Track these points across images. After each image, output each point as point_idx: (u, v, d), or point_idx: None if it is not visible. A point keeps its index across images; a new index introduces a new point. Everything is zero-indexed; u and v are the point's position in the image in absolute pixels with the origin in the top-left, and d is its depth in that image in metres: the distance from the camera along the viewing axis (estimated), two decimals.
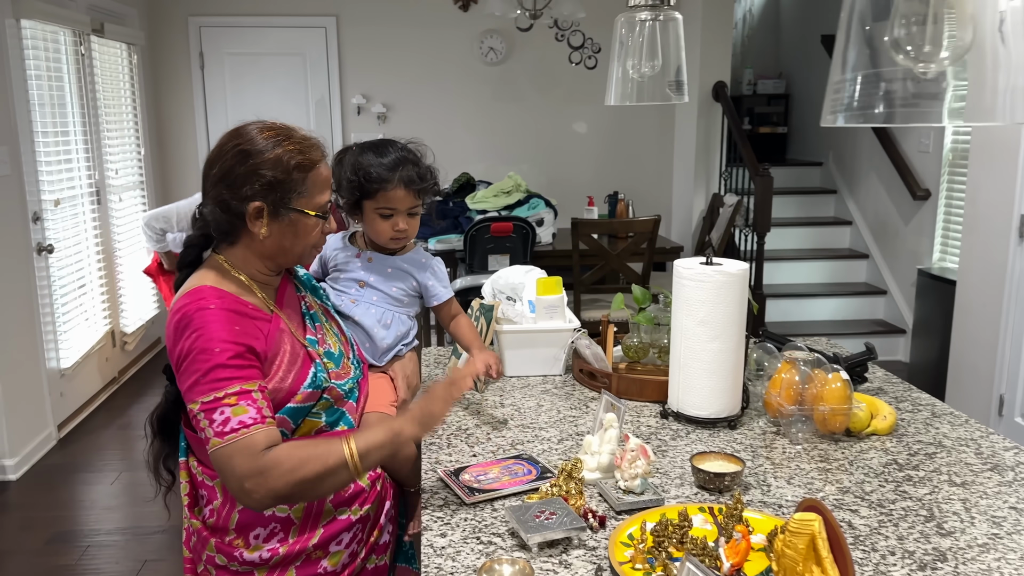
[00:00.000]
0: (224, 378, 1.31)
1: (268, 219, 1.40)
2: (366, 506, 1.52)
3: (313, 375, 1.45)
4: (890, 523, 1.38)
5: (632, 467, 1.42)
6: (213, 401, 1.31)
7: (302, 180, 1.40)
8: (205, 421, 1.31)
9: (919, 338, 4.95)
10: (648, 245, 4.38)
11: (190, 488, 1.52)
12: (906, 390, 2.04)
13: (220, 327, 1.34)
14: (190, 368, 1.32)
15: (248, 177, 1.38)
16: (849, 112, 0.76)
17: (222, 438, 1.29)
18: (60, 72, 4.27)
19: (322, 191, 1.45)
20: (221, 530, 1.45)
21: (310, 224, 1.44)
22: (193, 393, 1.32)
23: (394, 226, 1.74)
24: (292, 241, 1.44)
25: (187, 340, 1.33)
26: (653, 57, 1.65)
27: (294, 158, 1.39)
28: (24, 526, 3.29)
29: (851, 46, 0.73)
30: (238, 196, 1.39)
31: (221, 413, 1.30)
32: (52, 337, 4.08)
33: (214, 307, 1.35)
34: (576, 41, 5.93)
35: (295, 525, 1.45)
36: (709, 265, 1.72)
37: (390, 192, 1.71)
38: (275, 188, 1.39)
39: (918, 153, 5.25)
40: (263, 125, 1.43)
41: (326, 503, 1.46)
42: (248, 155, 1.39)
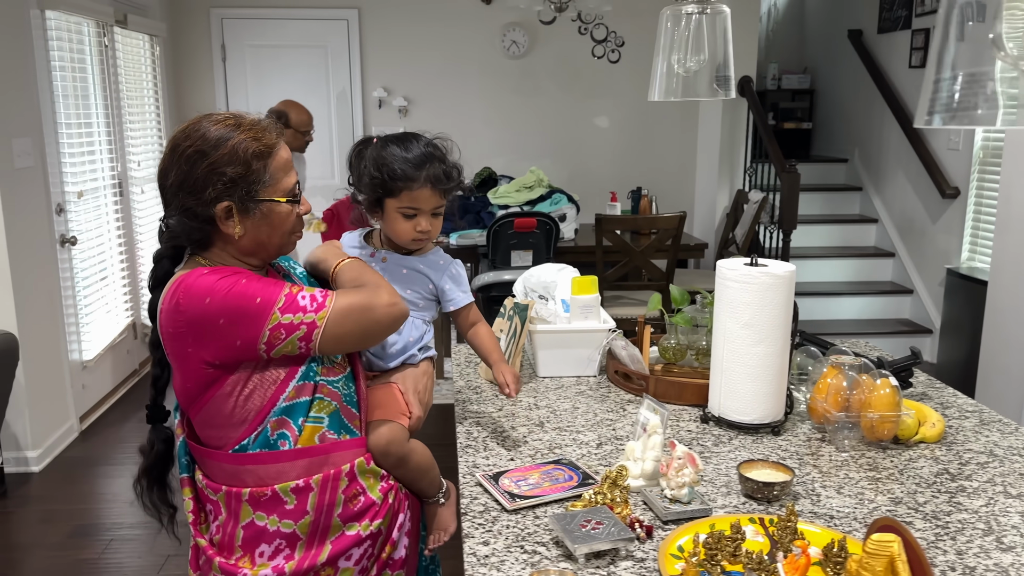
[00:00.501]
0: (273, 284, 1.32)
1: (239, 217, 1.33)
2: (376, 520, 1.44)
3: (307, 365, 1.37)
4: (947, 536, 1.33)
5: (679, 475, 1.37)
6: (287, 297, 1.31)
7: (264, 168, 1.33)
8: (297, 315, 1.30)
9: (947, 338, 4.87)
10: (673, 242, 4.32)
11: (194, 505, 1.45)
12: (952, 395, 1.98)
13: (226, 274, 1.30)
14: (240, 311, 1.27)
15: (208, 178, 1.30)
16: (948, 113, 0.71)
17: (324, 306, 1.32)
18: (84, 63, 4.25)
19: (287, 173, 1.38)
20: (226, 548, 1.39)
21: (283, 212, 1.37)
22: (262, 314, 1.28)
23: (416, 226, 1.61)
24: (269, 233, 1.37)
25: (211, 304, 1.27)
26: (699, 51, 1.60)
27: (250, 147, 1.31)
28: (46, 519, 3.28)
29: (950, 43, 0.68)
30: (202, 200, 1.31)
31: (303, 297, 1.32)
32: (75, 329, 4.07)
33: (207, 272, 1.30)
34: (599, 34, 5.87)
35: (301, 540, 1.38)
36: (754, 266, 1.67)
37: (415, 191, 1.58)
38: (239, 183, 1.31)
39: (947, 151, 5.16)
40: (210, 119, 1.34)
41: (334, 518, 1.39)
42: (203, 155, 1.30)
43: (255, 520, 1.37)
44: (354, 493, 1.42)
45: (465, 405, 1.90)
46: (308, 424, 1.38)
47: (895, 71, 5.75)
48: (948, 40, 0.68)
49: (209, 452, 1.38)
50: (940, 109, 0.72)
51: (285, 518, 1.37)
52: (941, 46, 0.70)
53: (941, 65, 0.69)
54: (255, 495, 1.36)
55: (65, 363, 3.96)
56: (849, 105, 6.53)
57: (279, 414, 1.35)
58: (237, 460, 1.36)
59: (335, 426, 1.41)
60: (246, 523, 1.38)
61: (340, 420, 1.42)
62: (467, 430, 1.75)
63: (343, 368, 1.46)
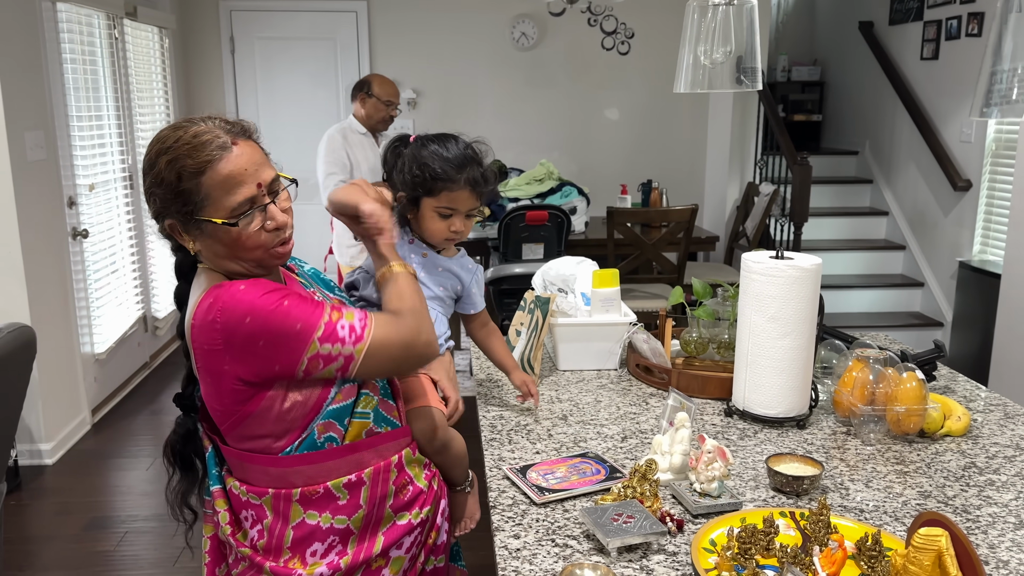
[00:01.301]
0: (312, 310, 1.25)
1: (186, 234, 1.28)
2: (426, 508, 1.45)
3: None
4: (978, 531, 1.32)
5: (709, 469, 1.37)
6: (326, 326, 1.25)
7: (195, 188, 1.22)
8: (336, 346, 1.26)
9: (959, 331, 4.86)
10: (684, 235, 4.31)
11: (231, 517, 1.40)
12: (975, 388, 1.97)
13: (264, 292, 1.24)
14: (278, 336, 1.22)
15: (149, 196, 1.28)
16: (1007, 105, 0.70)
17: (363, 339, 1.28)
18: (94, 56, 4.24)
19: (229, 191, 1.23)
20: (275, 550, 1.36)
21: (231, 232, 1.24)
22: (302, 342, 1.23)
23: (451, 226, 1.64)
24: (226, 251, 1.27)
25: (248, 329, 1.21)
26: (726, 43, 1.59)
27: (176, 168, 1.22)
28: (61, 511, 3.29)
29: (1007, 35, 0.67)
30: (152, 214, 1.29)
31: (343, 328, 1.27)
32: (87, 322, 4.08)
33: (244, 287, 1.24)
34: (609, 26, 5.84)
35: (354, 535, 1.37)
36: (780, 259, 1.67)
37: (455, 192, 1.61)
38: (171, 204, 1.24)
39: (959, 143, 5.13)
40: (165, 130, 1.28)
41: (386, 509, 1.39)
42: (144, 174, 1.27)
43: (306, 519, 1.35)
44: (403, 483, 1.42)
45: (487, 398, 1.90)
46: (355, 421, 1.37)
47: (907, 63, 5.71)
48: (1006, 32, 0.67)
49: (251, 457, 1.34)
50: (999, 101, 0.71)
51: (339, 514, 1.35)
52: (998, 38, 0.69)
53: (999, 57, 0.68)
54: (306, 494, 1.34)
55: (77, 356, 3.97)
56: (860, 97, 6.50)
57: (325, 418, 1.33)
58: (285, 463, 1.33)
59: (378, 419, 1.41)
60: (296, 523, 1.35)
61: (380, 413, 1.41)
62: (490, 423, 1.75)
63: None
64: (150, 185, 1.27)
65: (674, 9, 5.87)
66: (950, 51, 5.22)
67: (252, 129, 1.31)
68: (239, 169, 1.24)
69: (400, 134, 1.72)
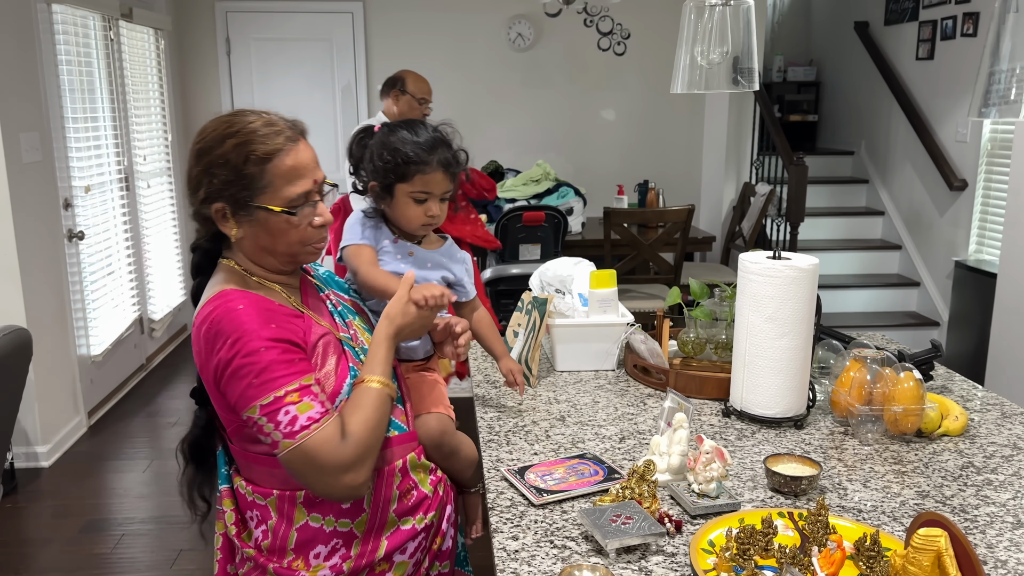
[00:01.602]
0: (280, 375, 1.24)
1: (234, 219, 1.30)
2: (430, 513, 1.44)
3: (351, 376, 1.37)
4: (976, 530, 1.33)
5: (707, 470, 1.37)
6: (274, 401, 1.23)
7: (260, 174, 1.27)
8: (269, 425, 1.23)
9: (955, 331, 4.87)
10: (681, 235, 4.32)
11: (236, 516, 1.41)
12: (972, 388, 1.98)
13: (257, 326, 1.25)
14: (238, 375, 1.23)
15: (203, 178, 1.29)
16: (1005, 105, 0.70)
17: (293, 438, 1.23)
18: (90, 57, 4.23)
19: (291, 181, 1.29)
20: (279, 551, 1.36)
21: (281, 221, 1.29)
22: (247, 399, 1.24)
23: (427, 211, 1.60)
24: (270, 241, 1.32)
25: (225, 349, 1.24)
26: (722, 44, 1.59)
27: (245, 150, 1.26)
28: (58, 514, 3.28)
29: (1006, 34, 0.67)
30: (197, 199, 1.30)
31: (286, 413, 1.23)
32: (83, 324, 4.07)
33: (243, 307, 1.26)
34: (605, 27, 5.85)
35: (357, 538, 1.36)
36: (777, 260, 1.67)
37: (428, 175, 1.57)
38: (230, 186, 1.27)
39: (955, 143, 5.14)
40: (225, 116, 1.31)
41: (389, 514, 1.38)
42: (202, 154, 1.29)
43: (310, 522, 1.35)
44: (407, 488, 1.42)
45: (485, 399, 1.90)
46: None
47: (902, 63, 5.73)
48: (1004, 32, 0.67)
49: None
50: (997, 101, 0.71)
51: (342, 517, 1.35)
52: (997, 38, 0.69)
53: (997, 57, 0.68)
54: (310, 496, 1.33)
55: (73, 358, 3.96)
56: (855, 97, 6.51)
57: None
58: None
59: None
60: (300, 525, 1.35)
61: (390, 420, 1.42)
62: (488, 424, 1.75)
63: None
64: (208, 166, 1.28)
65: (670, 9, 5.87)
66: (945, 51, 5.23)
67: (307, 130, 1.37)
68: (302, 163, 1.30)
69: (364, 125, 1.70)
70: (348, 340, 1.42)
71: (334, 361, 1.36)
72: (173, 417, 4.28)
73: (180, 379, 4.87)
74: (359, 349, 1.43)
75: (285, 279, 1.40)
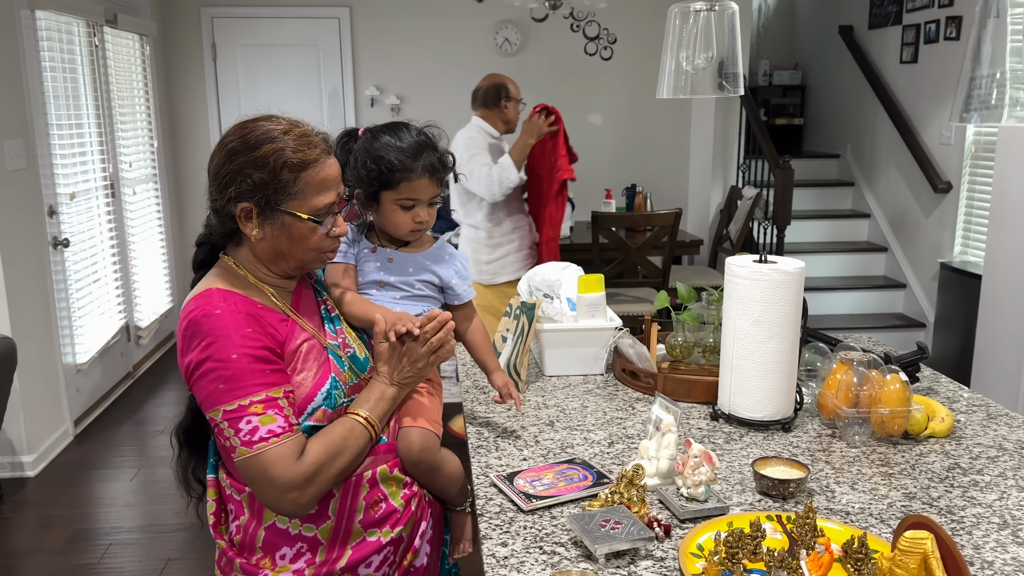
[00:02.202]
0: (249, 384, 1.26)
1: (258, 220, 1.33)
2: (398, 527, 1.44)
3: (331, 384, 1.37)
4: (963, 531, 1.33)
5: (696, 474, 1.37)
6: (238, 409, 1.25)
7: (293, 180, 1.31)
8: (230, 430, 1.26)
9: (941, 332, 4.90)
10: (669, 239, 4.33)
11: (217, 506, 1.44)
12: (958, 389, 1.99)
13: (233, 331, 1.27)
14: (207, 378, 1.26)
15: (234, 177, 1.31)
16: (987, 110, 0.71)
17: (251, 447, 1.25)
18: (74, 64, 4.21)
19: (319, 192, 1.34)
20: (247, 549, 1.39)
21: (304, 228, 1.34)
22: (212, 401, 1.26)
23: (415, 217, 1.57)
24: (288, 245, 1.35)
25: (199, 350, 1.26)
26: (707, 49, 1.60)
27: (282, 156, 1.30)
28: (44, 524, 3.25)
29: (986, 38, 0.68)
30: (224, 196, 1.32)
31: (248, 422, 1.26)
32: (68, 332, 4.04)
33: (221, 311, 1.28)
34: (592, 32, 5.87)
35: (322, 545, 1.38)
36: (764, 263, 1.67)
37: (414, 182, 1.54)
38: (261, 188, 1.30)
39: (939, 145, 5.18)
40: (268, 120, 1.34)
41: (355, 524, 1.39)
42: (236, 153, 1.31)
43: (277, 522, 1.37)
44: (375, 500, 1.41)
45: (473, 405, 1.89)
46: None
47: (886, 67, 5.77)
48: (985, 37, 0.68)
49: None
50: (978, 106, 0.72)
51: (307, 522, 1.37)
52: (977, 43, 0.70)
53: (978, 62, 0.69)
54: None
55: (59, 366, 3.93)
56: (840, 101, 6.56)
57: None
58: None
59: None
60: (268, 524, 1.37)
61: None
62: (477, 430, 1.75)
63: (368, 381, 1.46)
64: (242, 166, 1.30)
65: (656, 15, 5.89)
66: (929, 54, 5.27)
67: (335, 145, 1.44)
68: (331, 176, 1.37)
69: (348, 128, 1.65)
70: (334, 347, 1.42)
71: (315, 367, 1.37)
72: (160, 425, 4.25)
73: (167, 387, 4.84)
74: (345, 358, 1.43)
75: (281, 283, 1.42)
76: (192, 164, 5.80)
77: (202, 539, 3.12)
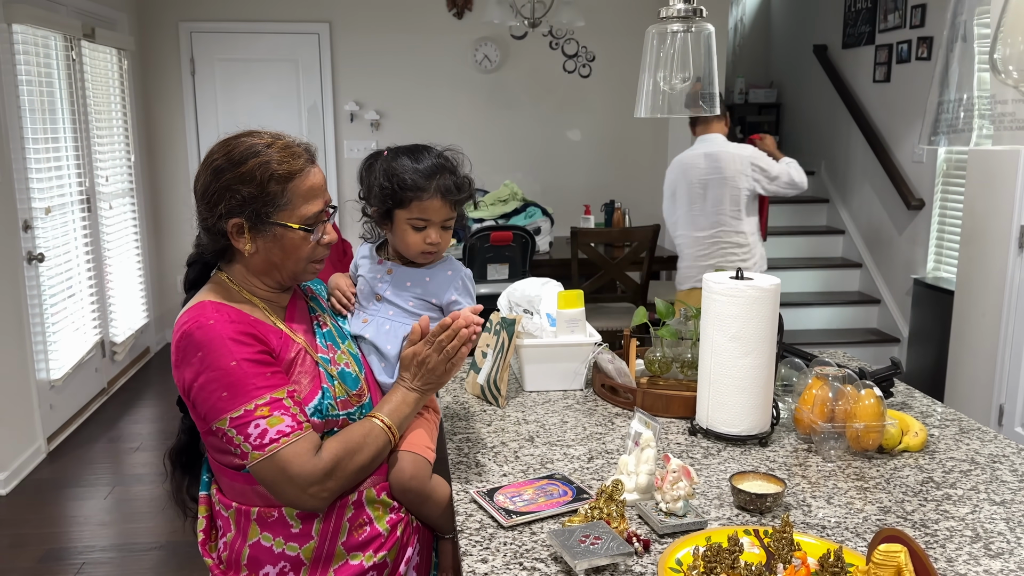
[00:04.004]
0: (251, 388, 1.27)
1: (250, 234, 1.35)
2: (381, 552, 1.43)
3: (321, 396, 1.38)
4: (937, 544, 1.35)
5: (674, 489, 1.38)
6: (244, 415, 1.26)
7: (281, 192, 1.34)
8: (239, 437, 1.27)
9: (915, 347, 4.97)
10: (648, 254, 4.36)
11: (207, 523, 1.45)
12: (931, 404, 2.02)
13: (228, 339, 1.28)
14: (208, 389, 1.27)
15: (223, 194, 1.33)
16: (954, 134, 0.73)
17: (263, 451, 1.26)
18: (51, 78, 4.19)
19: (308, 201, 1.37)
20: (234, 566, 1.39)
21: (296, 238, 1.37)
22: (217, 411, 1.27)
23: (426, 239, 1.58)
24: (281, 257, 1.38)
25: (196, 363, 1.28)
26: (684, 69, 1.62)
27: (268, 169, 1.33)
28: (15, 543, 3.20)
29: (953, 65, 0.70)
30: (215, 214, 1.34)
31: (256, 426, 1.27)
32: (42, 348, 3.99)
33: (214, 321, 1.30)
34: (570, 49, 5.92)
35: (305, 566, 1.38)
36: (740, 279, 1.70)
37: (425, 202, 1.55)
38: (251, 203, 1.33)
39: (912, 163, 5.27)
40: (249, 135, 1.37)
41: (338, 546, 1.39)
42: (222, 171, 1.34)
43: (261, 540, 1.37)
44: (360, 523, 1.41)
45: (454, 421, 1.90)
46: None
47: (860, 85, 5.87)
48: (952, 61, 0.70)
49: (222, 469, 1.39)
50: (946, 130, 0.74)
51: (291, 541, 1.37)
52: (945, 67, 0.72)
53: (946, 86, 0.71)
54: (263, 515, 1.36)
55: (32, 382, 3.88)
56: (815, 119, 6.66)
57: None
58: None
59: None
60: (253, 542, 1.37)
61: None
62: (457, 446, 1.75)
63: (360, 398, 1.46)
64: (230, 183, 1.32)
65: (634, 33, 5.96)
66: (901, 74, 5.38)
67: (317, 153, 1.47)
68: (318, 184, 1.40)
69: (375, 150, 1.67)
70: (324, 362, 1.43)
71: (307, 379, 1.38)
72: (135, 442, 4.20)
73: (143, 403, 4.79)
74: (335, 373, 1.43)
75: (275, 296, 1.44)
76: (169, 178, 5.77)
77: (177, 558, 3.08)
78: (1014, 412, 3.70)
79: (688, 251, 3.98)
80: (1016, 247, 3.63)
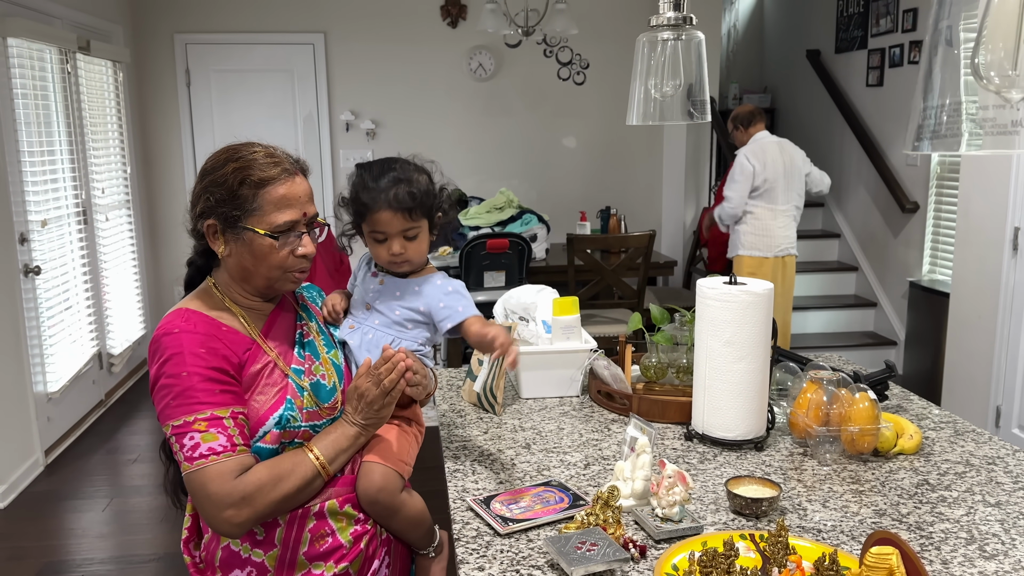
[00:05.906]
0: (196, 402, 1.31)
1: (223, 237, 1.39)
2: (343, 563, 1.42)
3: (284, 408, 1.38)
4: (932, 547, 1.36)
5: (670, 494, 1.39)
6: (183, 425, 1.31)
7: (252, 197, 1.36)
8: (176, 445, 1.32)
9: (912, 350, 4.98)
10: (643, 260, 4.37)
11: (192, 522, 1.49)
12: (926, 407, 2.03)
13: (187, 350, 1.33)
14: (160, 392, 1.33)
15: (200, 196, 1.39)
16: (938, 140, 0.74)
17: (191, 463, 1.30)
18: (46, 90, 4.19)
19: (279, 209, 1.37)
20: (209, 567, 1.43)
21: (264, 244, 1.37)
22: (164, 416, 1.33)
23: (389, 250, 1.57)
24: (252, 262, 1.39)
25: (156, 365, 1.34)
26: (675, 76, 1.63)
27: (241, 174, 1.36)
28: (13, 556, 3.19)
29: (936, 70, 0.71)
30: (195, 214, 1.40)
31: (191, 438, 1.30)
32: (39, 360, 3.99)
33: (179, 331, 1.35)
34: (565, 57, 5.94)
35: (269, 572, 1.40)
36: (734, 285, 1.70)
37: (376, 214, 1.55)
38: (222, 205, 1.37)
39: (906, 166, 5.29)
40: (238, 144, 1.42)
41: (299, 555, 1.40)
42: (205, 174, 1.40)
43: (231, 544, 1.41)
44: (321, 533, 1.41)
45: (450, 429, 1.90)
46: None
47: (853, 90, 5.89)
48: (935, 66, 0.71)
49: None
50: (930, 136, 0.75)
51: (256, 547, 1.40)
52: (928, 73, 0.73)
53: (929, 91, 0.72)
54: None
55: (30, 395, 3.87)
56: (809, 123, 6.68)
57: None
58: None
59: None
60: (224, 545, 1.41)
61: None
62: (453, 454, 1.75)
63: (332, 411, 1.46)
64: (208, 185, 1.38)
65: (628, 40, 5.98)
66: (894, 78, 5.40)
67: (309, 169, 1.48)
68: (293, 195, 1.39)
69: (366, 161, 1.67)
70: (297, 374, 1.43)
71: (272, 392, 1.39)
72: (133, 454, 4.20)
73: (140, 415, 4.78)
74: (307, 385, 1.43)
75: (257, 305, 1.46)
76: (166, 190, 5.78)
77: (175, 569, 3.07)
78: (1011, 413, 3.71)
79: (771, 223, 4.57)
80: (1011, 249, 3.64)
